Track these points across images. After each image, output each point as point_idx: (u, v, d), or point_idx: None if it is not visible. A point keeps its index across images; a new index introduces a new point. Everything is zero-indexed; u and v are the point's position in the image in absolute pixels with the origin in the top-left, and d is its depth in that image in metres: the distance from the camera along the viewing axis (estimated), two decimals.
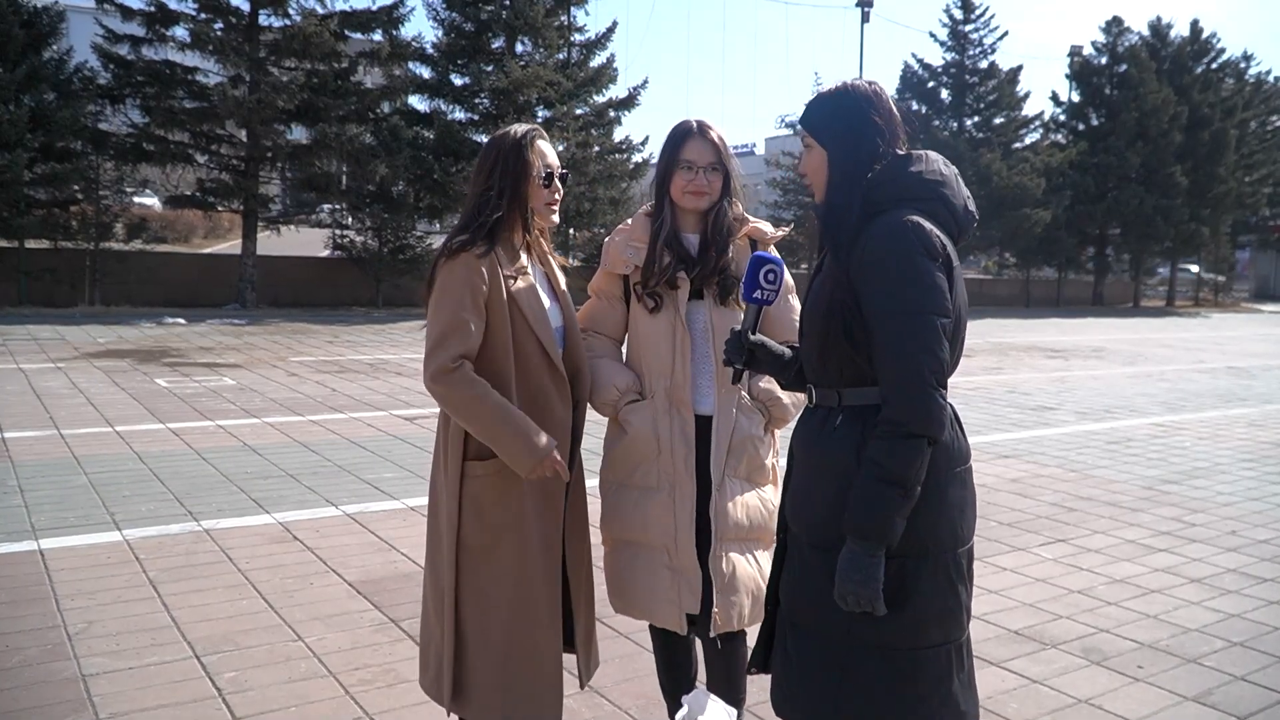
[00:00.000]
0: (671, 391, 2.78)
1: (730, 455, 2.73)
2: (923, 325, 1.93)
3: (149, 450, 6.85)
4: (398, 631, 3.87)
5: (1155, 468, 7.50)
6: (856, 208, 2.04)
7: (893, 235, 1.98)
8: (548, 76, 21.58)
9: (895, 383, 1.93)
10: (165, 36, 19.76)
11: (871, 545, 1.93)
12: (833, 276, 2.04)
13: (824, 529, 2.06)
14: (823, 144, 2.12)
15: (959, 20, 33.80)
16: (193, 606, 4.04)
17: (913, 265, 1.95)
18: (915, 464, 1.92)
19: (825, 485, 2.07)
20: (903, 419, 1.92)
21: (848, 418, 2.06)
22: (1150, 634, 4.11)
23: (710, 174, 2.75)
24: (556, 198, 2.68)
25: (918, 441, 1.92)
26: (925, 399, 1.91)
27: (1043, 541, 5.40)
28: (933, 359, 1.93)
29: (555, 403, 2.60)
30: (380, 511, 5.53)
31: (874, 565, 1.93)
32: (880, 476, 1.91)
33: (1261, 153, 40.51)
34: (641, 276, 2.78)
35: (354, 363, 12.43)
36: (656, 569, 2.78)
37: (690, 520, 2.72)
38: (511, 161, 2.59)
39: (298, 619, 3.95)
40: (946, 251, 2.02)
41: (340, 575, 4.49)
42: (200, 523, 5.19)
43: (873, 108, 2.09)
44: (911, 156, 2.10)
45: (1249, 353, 18.90)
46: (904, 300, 1.94)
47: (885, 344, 1.95)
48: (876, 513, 1.91)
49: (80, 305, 18.63)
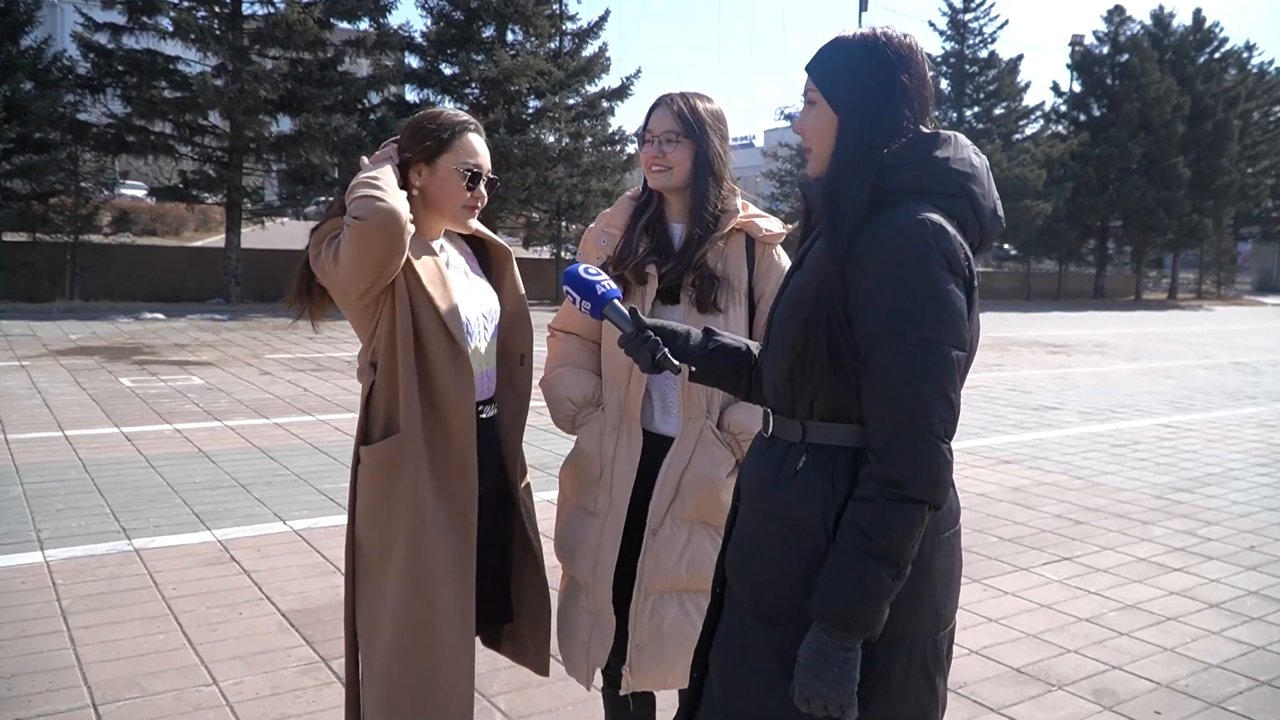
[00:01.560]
0: (624, 404, 2.37)
1: (678, 496, 2.31)
2: (934, 358, 1.50)
3: (95, 458, 6.44)
4: (326, 673, 3.45)
5: (1165, 474, 7.09)
6: (866, 192, 1.57)
7: (906, 237, 1.52)
8: (539, 66, 21.16)
9: (894, 430, 1.50)
10: (147, 25, 19.28)
11: (849, 636, 1.50)
12: (820, 276, 1.59)
13: (773, 598, 1.63)
14: (833, 103, 1.65)
15: (958, 9, 33.39)
16: (102, 642, 3.63)
17: (929, 279, 1.51)
18: (913, 536, 1.50)
19: (778, 542, 1.63)
20: (900, 478, 1.49)
21: (813, 460, 1.61)
22: (1167, 671, 3.70)
23: (667, 144, 2.35)
24: (479, 204, 2.28)
25: (917, 508, 1.49)
26: (930, 454, 1.49)
27: (1047, 560, 4.99)
28: (943, 403, 1.50)
29: (459, 402, 2.21)
30: (330, 527, 5.11)
31: (849, 661, 1.50)
32: (867, 550, 1.49)
33: (1265, 144, 40.12)
34: (614, 262, 2.39)
35: (332, 360, 12.02)
36: (575, 608, 2.43)
37: (612, 557, 2.34)
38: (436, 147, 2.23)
39: (216, 658, 3.53)
40: (969, 266, 1.56)
41: (274, 603, 4.07)
42: (132, 541, 4.78)
43: (905, 66, 1.63)
44: (939, 137, 1.64)
45: (1254, 347, 18.50)
46: (913, 323, 1.50)
47: (884, 377, 1.51)
48: (861, 596, 1.48)
49: (59, 300, 18.19)
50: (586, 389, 2.43)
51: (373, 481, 2.20)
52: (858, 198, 1.57)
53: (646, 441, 2.38)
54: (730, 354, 1.90)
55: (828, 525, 1.56)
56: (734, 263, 2.37)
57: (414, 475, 2.16)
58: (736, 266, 2.37)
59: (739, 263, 2.37)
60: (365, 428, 2.24)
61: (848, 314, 1.55)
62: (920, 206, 1.56)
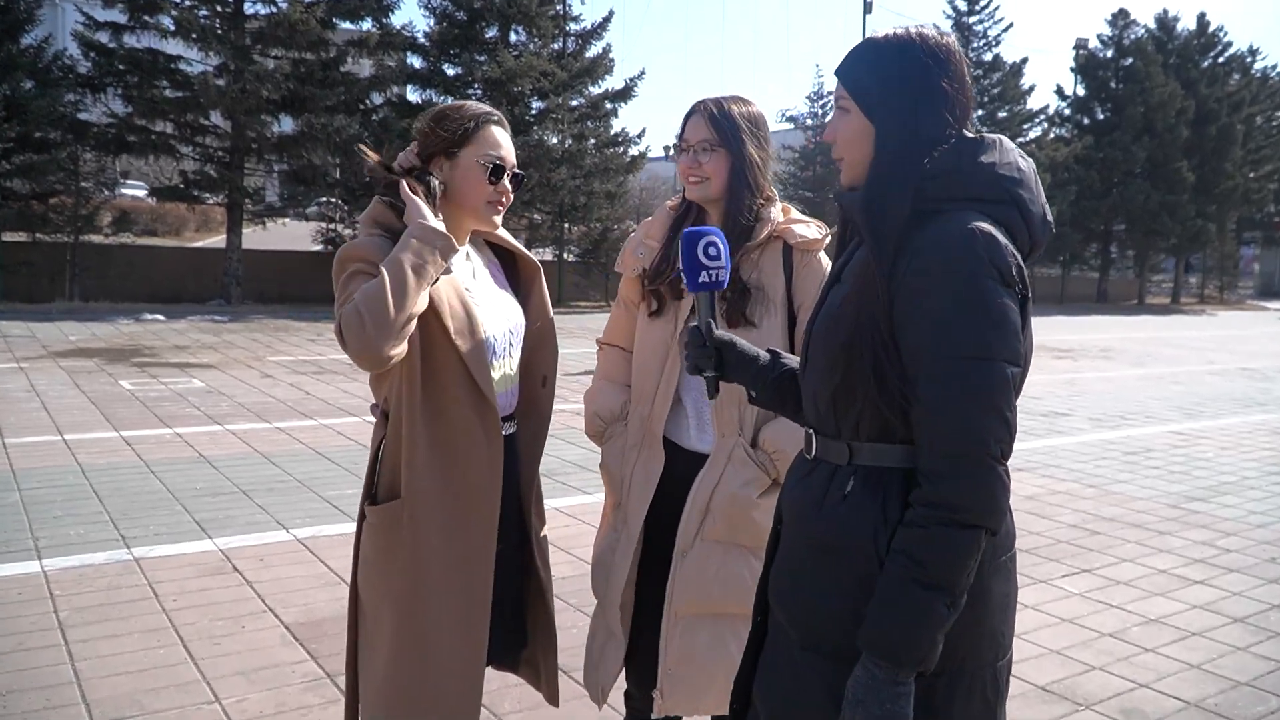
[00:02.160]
0: (647, 421, 2.29)
1: (708, 515, 2.21)
2: (989, 376, 1.41)
3: (94, 463, 6.33)
4: (331, 690, 3.35)
5: (1179, 482, 6.99)
6: (908, 202, 1.48)
7: (955, 248, 1.43)
8: (542, 67, 21.07)
9: (947, 452, 1.41)
10: (148, 24, 19.16)
11: (901, 670, 1.41)
12: (861, 293, 1.50)
13: (822, 627, 1.55)
14: (868, 111, 1.56)
15: (963, 12, 33.33)
16: (101, 657, 3.52)
17: (980, 292, 1.42)
18: (968, 564, 1.41)
19: (826, 569, 1.54)
20: (956, 502, 1.40)
21: (863, 483, 1.52)
22: (1196, 690, 3.59)
23: (703, 154, 2.25)
24: (503, 199, 2.14)
25: (973, 534, 1.41)
26: (988, 477, 1.41)
27: (1066, 572, 4.88)
28: (1000, 424, 1.41)
29: (476, 437, 2.07)
30: (335, 536, 5.01)
31: (901, 696, 1.41)
32: (921, 579, 1.40)
33: (1268, 148, 40.03)
34: (650, 275, 2.32)
35: (334, 363, 11.90)
36: (594, 623, 2.38)
37: (623, 575, 2.26)
38: (444, 127, 2.11)
39: (219, 673, 3.43)
40: (1022, 276, 1.47)
41: (277, 616, 3.97)
42: (131, 550, 4.67)
43: (942, 69, 1.54)
44: (984, 141, 1.55)
45: (1260, 353, 18.40)
46: (965, 339, 1.41)
47: (935, 397, 1.42)
48: (914, 628, 1.40)
49: (58, 300, 18.07)
50: (615, 405, 2.35)
51: (374, 540, 2.10)
52: (900, 209, 1.48)
53: (680, 459, 2.29)
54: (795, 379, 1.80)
55: (880, 551, 1.47)
56: (769, 272, 2.28)
57: (414, 541, 2.04)
58: (772, 276, 2.27)
59: (775, 271, 2.27)
60: (372, 483, 2.14)
61: (892, 332, 1.46)
62: (968, 215, 1.47)
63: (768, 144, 2.32)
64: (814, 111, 39.03)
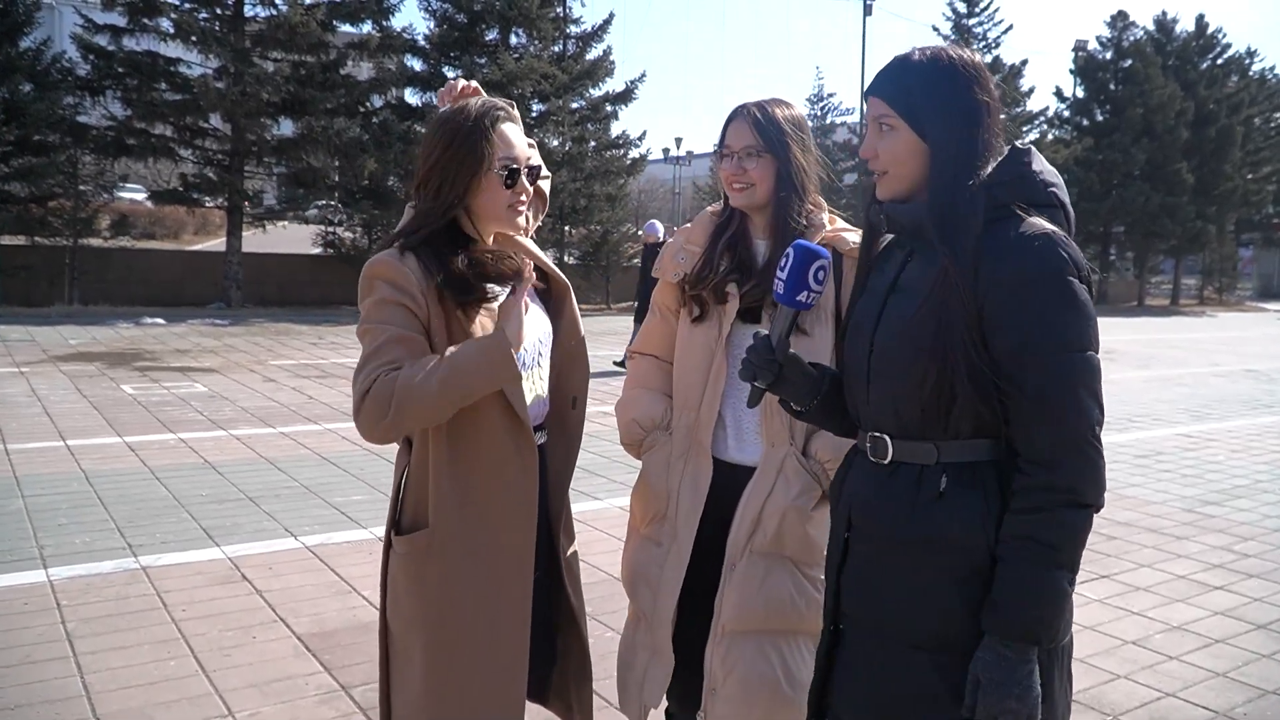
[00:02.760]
0: (693, 430, 2.22)
1: (759, 528, 2.15)
2: (1089, 365, 1.53)
3: (98, 469, 6.27)
4: (347, 703, 3.28)
5: (1192, 486, 6.94)
6: (981, 214, 1.57)
7: (1042, 249, 1.53)
8: (542, 69, 21.02)
9: (1060, 439, 1.51)
10: (147, 26, 19.06)
11: (1033, 649, 1.52)
12: (939, 302, 1.57)
13: (933, 623, 1.60)
14: (919, 127, 1.63)
15: (962, 14, 33.28)
16: (111, 669, 3.46)
17: (1069, 289, 1.53)
18: (1085, 541, 1.53)
19: (931, 567, 1.60)
20: (1076, 484, 1.51)
21: (957, 480, 1.59)
22: (1224, 699, 3.54)
23: (747, 159, 2.20)
24: (524, 198, 2.03)
25: (1089, 513, 1.52)
26: (1096, 459, 1.52)
27: (1085, 578, 4.82)
28: (1099, 408, 1.54)
29: (513, 471, 1.99)
30: (344, 544, 4.95)
31: (1032, 673, 1.51)
32: (1052, 561, 1.50)
33: (1267, 150, 40.01)
34: (691, 280, 2.26)
35: (337, 366, 11.84)
36: (634, 642, 2.29)
37: (674, 592, 2.18)
38: (461, 152, 1.95)
39: (231, 686, 3.36)
40: (1089, 272, 1.57)
41: (289, 626, 3.90)
42: (139, 558, 4.61)
43: (981, 85, 1.64)
44: (1030, 151, 1.66)
45: (1263, 354, 18.36)
46: (1065, 333, 1.52)
47: (1043, 389, 1.52)
48: (1050, 607, 1.51)
49: (58, 304, 17.97)
50: (656, 413, 2.28)
51: (403, 570, 2.02)
52: (976, 216, 1.57)
53: (720, 470, 2.22)
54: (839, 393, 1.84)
55: (989, 541, 1.56)
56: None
57: (443, 570, 1.96)
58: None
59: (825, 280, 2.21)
60: (396, 511, 2.06)
61: (981, 334, 1.55)
62: (1036, 219, 1.58)
63: (812, 146, 2.26)
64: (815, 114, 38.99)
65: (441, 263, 1.93)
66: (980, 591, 1.55)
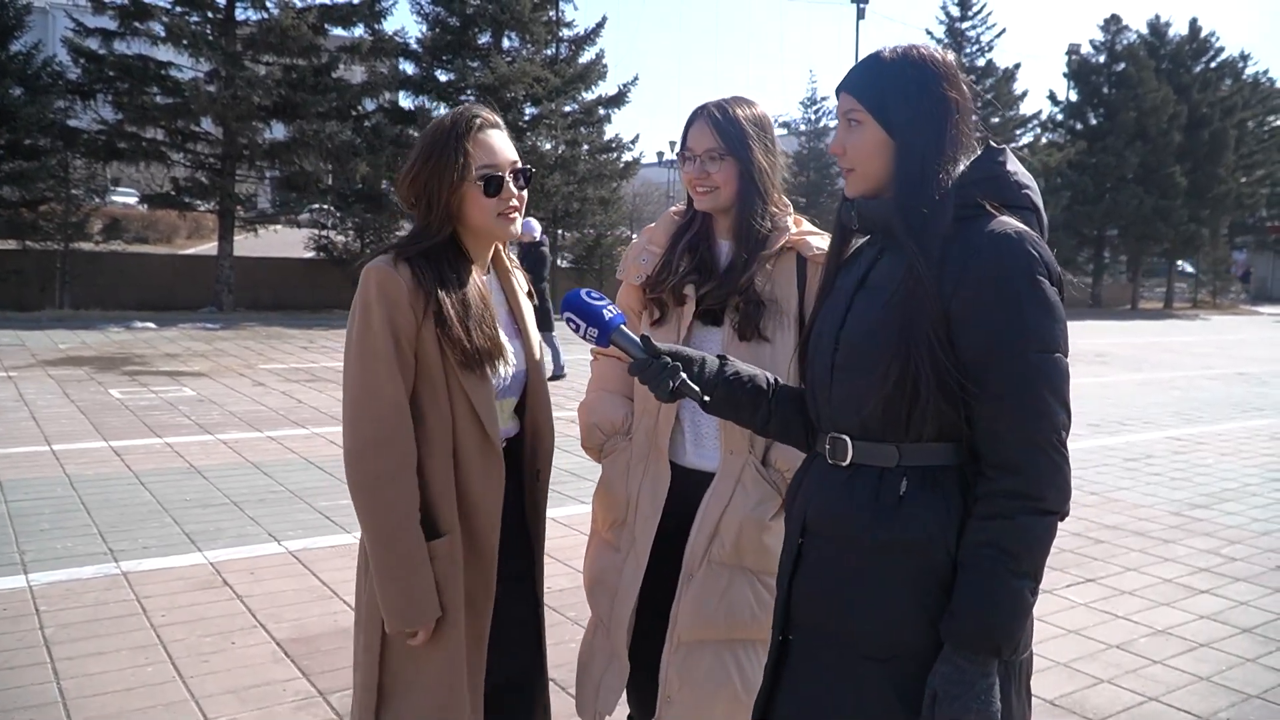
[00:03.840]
0: (653, 435, 2.20)
1: (716, 537, 2.13)
2: (1055, 368, 1.49)
3: (83, 474, 6.23)
4: (324, 708, 3.26)
5: (1180, 489, 6.93)
6: (949, 210, 1.54)
7: (1011, 248, 1.50)
8: (535, 73, 20.98)
9: (1024, 443, 1.47)
10: (139, 30, 19.01)
11: (992, 660, 1.47)
12: (910, 297, 1.53)
13: (889, 632, 1.55)
14: (886, 124, 1.60)
15: (956, 17, 33.35)
16: (88, 675, 3.43)
17: (1038, 289, 1.50)
18: (1049, 549, 1.48)
19: (890, 573, 1.55)
20: (1037, 490, 1.46)
21: (918, 484, 1.55)
22: (1207, 703, 3.53)
23: (711, 163, 2.16)
24: (513, 204, 2.01)
25: (1053, 520, 1.48)
26: (1061, 463, 1.48)
27: (1071, 581, 4.82)
28: (1065, 412, 1.49)
29: (475, 483, 1.99)
30: (327, 548, 4.92)
31: (992, 686, 1.47)
32: (1013, 569, 1.46)
33: (1260, 153, 40.11)
34: (650, 283, 2.23)
35: (327, 370, 11.80)
36: (592, 647, 2.27)
37: (631, 597, 2.16)
38: (444, 162, 1.95)
39: (208, 692, 3.34)
40: (1059, 274, 1.54)
41: (268, 631, 3.88)
42: (120, 564, 4.58)
43: (951, 82, 1.61)
44: (1004, 151, 1.64)
45: (1255, 358, 18.38)
46: (1031, 335, 1.48)
47: (1007, 391, 1.48)
48: (1011, 617, 1.46)
49: (49, 309, 17.90)
50: (617, 417, 2.26)
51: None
52: (944, 214, 1.54)
53: (677, 475, 2.20)
54: (746, 384, 1.81)
55: (949, 547, 1.51)
56: (783, 284, 2.19)
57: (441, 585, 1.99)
58: (786, 288, 2.19)
59: (789, 283, 2.19)
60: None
61: (947, 333, 1.51)
62: (1006, 218, 1.55)
63: (775, 146, 2.24)
64: (808, 117, 39.05)
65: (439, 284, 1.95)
66: (940, 599, 1.51)
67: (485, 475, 1.99)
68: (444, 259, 1.98)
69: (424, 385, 1.96)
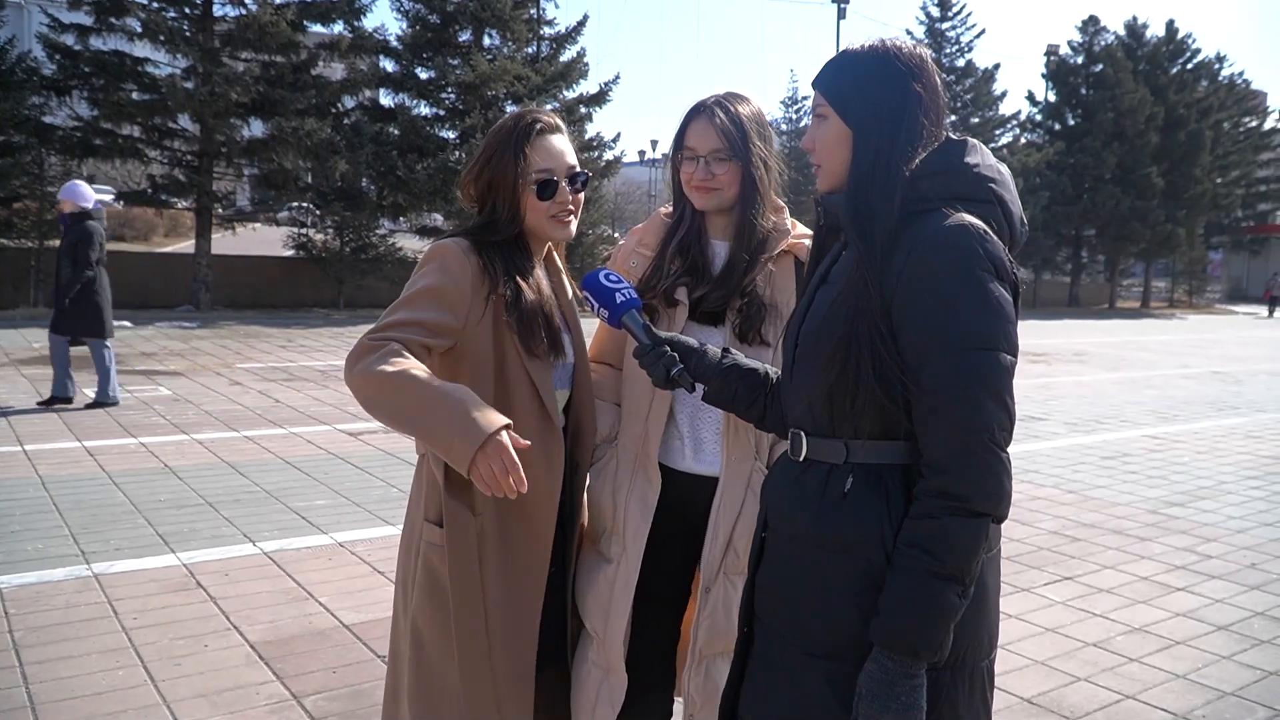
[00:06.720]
0: (641, 442, 2.15)
1: (730, 549, 2.09)
2: (989, 366, 1.45)
3: (55, 474, 6.15)
4: (298, 712, 3.22)
5: (1157, 487, 6.97)
6: (896, 203, 1.52)
7: (953, 243, 1.48)
8: (516, 71, 20.89)
9: (953, 442, 1.44)
10: (115, 26, 18.80)
11: (915, 662, 1.44)
12: (854, 291, 1.53)
13: (826, 629, 1.54)
14: (847, 118, 1.60)
15: (936, 18, 33.53)
16: (58, 680, 3.38)
17: (977, 284, 1.46)
18: (978, 552, 1.45)
19: (829, 570, 1.54)
20: (964, 491, 1.43)
21: (862, 481, 1.54)
22: (1183, 701, 3.54)
23: (716, 163, 2.12)
24: (570, 208, 2.07)
25: (981, 522, 1.44)
26: (995, 465, 1.44)
27: (1048, 580, 4.83)
28: (1002, 411, 1.45)
29: (539, 469, 1.99)
30: (303, 549, 4.87)
31: (916, 689, 1.44)
32: (935, 570, 1.43)
33: (1235, 154, 40.49)
34: (641, 283, 2.18)
35: (305, 369, 11.72)
36: (586, 661, 2.20)
37: (625, 608, 2.12)
38: (503, 164, 2.03)
39: (179, 696, 3.30)
40: (1013, 269, 1.51)
41: (242, 634, 3.83)
42: (91, 566, 4.52)
43: (917, 76, 1.59)
44: (968, 143, 1.61)
45: (1231, 356, 18.55)
46: (966, 331, 1.45)
47: (939, 388, 1.45)
48: (930, 619, 1.43)
49: (23, 307, 17.71)
50: (604, 425, 2.22)
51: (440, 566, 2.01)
52: (889, 208, 1.53)
53: (673, 482, 2.16)
54: (746, 375, 1.84)
55: (886, 547, 1.50)
56: (782, 288, 2.15)
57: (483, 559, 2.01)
58: (784, 292, 2.14)
59: (787, 287, 2.15)
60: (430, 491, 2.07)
61: (890, 327, 1.49)
62: (959, 214, 1.52)
63: (773, 144, 2.20)
64: (789, 116, 39.12)
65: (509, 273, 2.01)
66: (873, 599, 1.50)
67: (546, 457, 2.01)
68: (513, 253, 2.05)
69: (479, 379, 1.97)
